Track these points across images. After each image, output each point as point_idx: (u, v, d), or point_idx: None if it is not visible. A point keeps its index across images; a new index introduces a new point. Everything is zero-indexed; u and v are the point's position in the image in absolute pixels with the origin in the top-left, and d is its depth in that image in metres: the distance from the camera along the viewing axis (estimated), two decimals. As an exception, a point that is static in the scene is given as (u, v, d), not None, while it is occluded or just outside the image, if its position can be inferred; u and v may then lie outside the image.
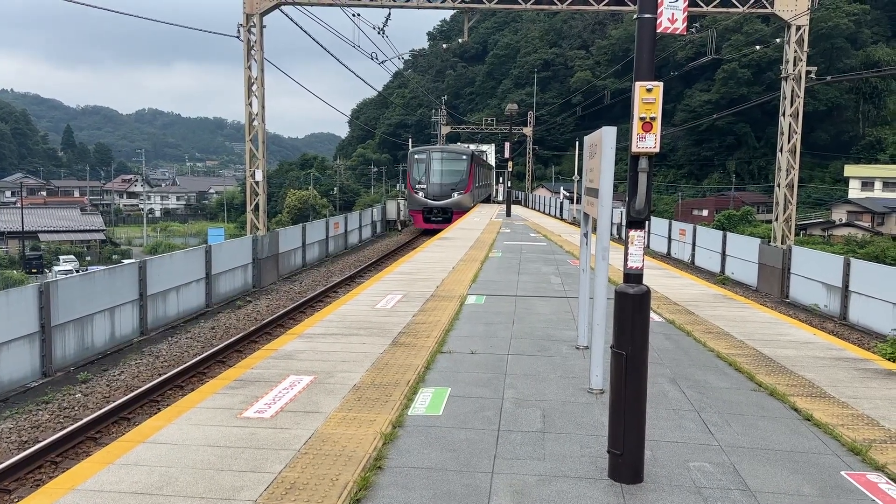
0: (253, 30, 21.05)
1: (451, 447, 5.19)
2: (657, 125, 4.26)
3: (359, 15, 21.37)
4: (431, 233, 30.24)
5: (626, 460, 4.61)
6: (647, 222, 4.59)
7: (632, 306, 4.54)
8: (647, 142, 4.27)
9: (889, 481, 4.77)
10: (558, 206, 48.00)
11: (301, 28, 21.31)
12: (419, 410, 5.97)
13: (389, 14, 22.85)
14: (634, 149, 4.28)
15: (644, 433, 4.69)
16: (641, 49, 4.41)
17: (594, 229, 6.98)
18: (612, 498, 4.44)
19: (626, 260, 4.59)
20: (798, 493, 4.59)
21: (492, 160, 72.60)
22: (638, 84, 4.29)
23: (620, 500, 4.41)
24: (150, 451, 4.93)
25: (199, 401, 6.01)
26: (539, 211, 51.19)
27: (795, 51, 21.61)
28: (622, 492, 4.53)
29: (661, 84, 4.26)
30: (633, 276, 4.57)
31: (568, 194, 56.98)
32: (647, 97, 4.25)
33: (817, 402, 6.42)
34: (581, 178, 8.40)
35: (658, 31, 4.40)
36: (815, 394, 6.66)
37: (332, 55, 22.13)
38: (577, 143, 62.02)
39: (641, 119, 4.26)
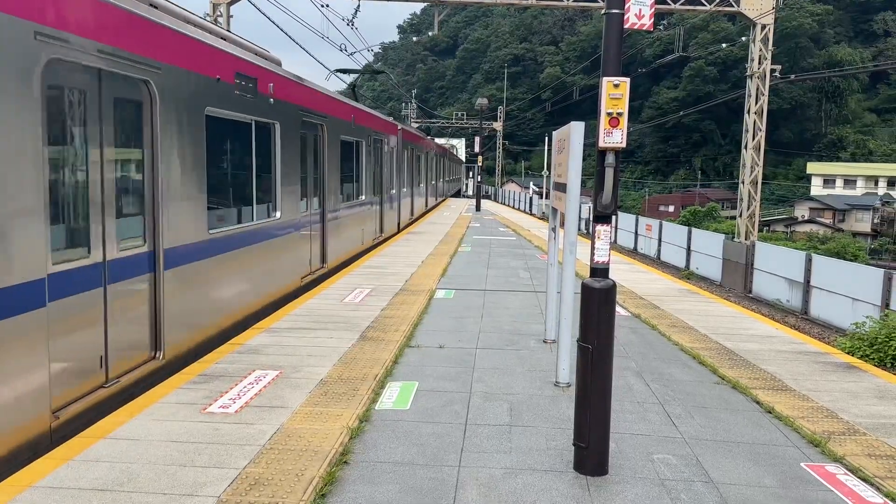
0: (220, 20, 20.75)
1: (419, 441, 5.18)
2: (624, 121, 4.28)
3: (328, 6, 21.19)
4: None
5: (592, 453, 4.65)
6: (614, 217, 4.62)
7: (598, 300, 4.57)
8: (614, 137, 4.29)
9: (847, 472, 4.88)
10: (528, 201, 48.23)
11: (269, 18, 21.06)
12: (387, 405, 5.95)
13: (359, 6, 22.74)
14: (601, 144, 4.30)
15: (609, 426, 4.73)
16: (609, 45, 4.43)
17: (562, 224, 7.02)
18: (578, 490, 4.48)
19: (592, 254, 4.62)
20: (759, 484, 4.67)
21: (462, 155, 72.73)
22: (605, 79, 4.31)
23: (585, 493, 4.44)
24: (111, 447, 4.84)
25: (162, 396, 5.91)
26: (509, 206, 51.39)
27: (760, 49, 21.99)
28: (587, 484, 4.56)
29: (627, 80, 4.29)
30: (600, 271, 4.60)
31: (537, 189, 57.35)
32: (615, 93, 4.27)
33: (779, 394, 6.54)
34: (550, 173, 8.43)
35: (625, 27, 4.42)
36: (777, 387, 6.79)
37: (301, 47, 21.91)
38: (547, 138, 62.40)
39: (608, 114, 4.28)
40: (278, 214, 10.19)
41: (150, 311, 6.50)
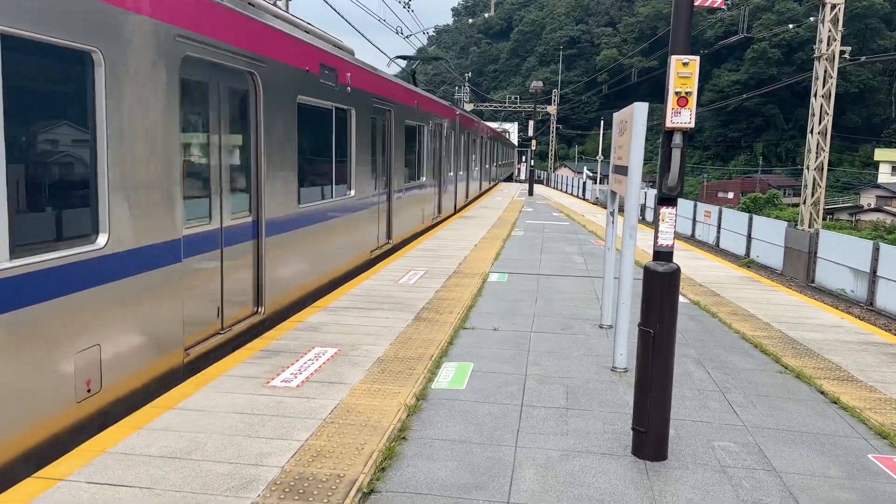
0: (279, 3, 21.01)
1: (475, 420, 5.22)
2: (693, 100, 4.19)
3: (385, -12, 21.20)
4: None
5: (651, 438, 4.61)
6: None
7: (661, 284, 4.51)
8: (682, 117, 4.20)
9: (917, 466, 4.72)
10: (581, 186, 47.69)
11: (327, 2, 21.17)
12: (442, 384, 6.00)
13: (416, -13, 22.68)
14: (669, 124, 4.22)
15: (669, 411, 4.68)
16: (678, 22, 4.33)
17: (621, 209, 6.93)
18: (636, 474, 4.45)
19: (656, 237, 4.55)
20: (824, 474, 4.56)
21: (514, 139, 72.22)
22: (674, 58, 4.22)
23: (644, 477, 4.41)
24: (179, 418, 5.01)
25: (227, 369, 6.09)
26: (562, 191, 50.92)
27: (829, 30, 21.16)
28: (646, 469, 4.53)
29: (697, 58, 4.19)
30: (664, 254, 4.53)
31: (591, 174, 56.59)
32: (684, 71, 4.18)
33: (844, 385, 6.36)
34: (605, 157, 8.37)
35: (696, 3, 4.31)
36: (843, 377, 6.60)
37: (358, 32, 22.01)
38: (602, 122, 61.48)
39: (677, 94, 4.19)
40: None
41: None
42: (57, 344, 4.52)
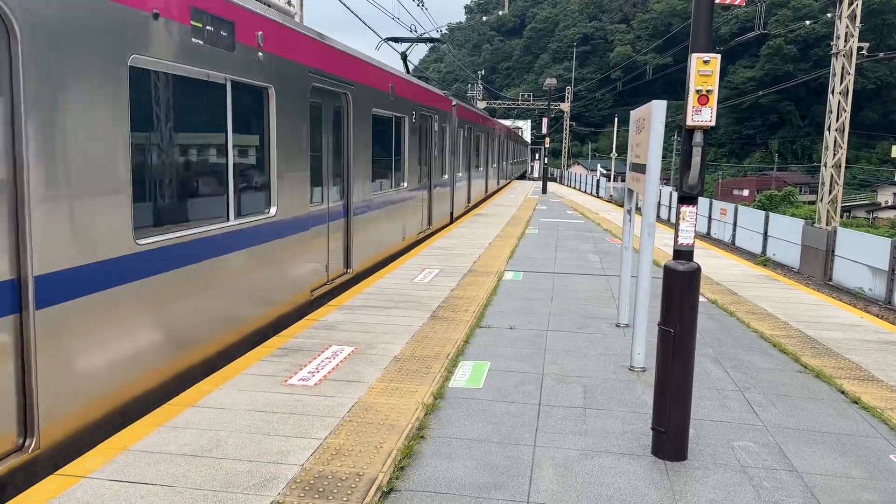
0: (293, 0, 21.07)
1: (493, 420, 5.22)
2: (713, 98, 4.16)
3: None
4: None
5: (671, 437, 4.59)
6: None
7: (681, 283, 4.48)
8: (703, 115, 4.17)
9: (941, 467, 4.67)
10: (595, 183, 47.51)
11: (342, 2, 21.21)
12: (459, 383, 6.00)
13: (430, -15, 22.62)
14: (690, 122, 4.19)
15: (689, 411, 4.65)
16: (698, 19, 4.30)
17: (638, 207, 6.89)
18: (656, 474, 4.43)
19: (676, 236, 4.52)
20: (846, 475, 4.52)
21: (527, 136, 72.04)
22: (695, 56, 4.19)
23: (664, 477, 4.39)
24: (199, 415, 5.04)
25: (245, 367, 6.12)
26: (575, 188, 50.76)
27: (847, 26, 20.95)
28: (666, 469, 4.51)
29: (718, 56, 4.16)
30: (684, 253, 4.50)
31: (605, 172, 56.36)
32: (704, 69, 4.15)
33: (865, 385, 6.30)
34: (619, 154, 8.36)
35: (716, 1, 4.28)
36: (863, 377, 6.54)
37: (371, 30, 22.03)
38: (616, 119, 61.17)
39: (697, 92, 4.16)
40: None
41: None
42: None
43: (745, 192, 73.67)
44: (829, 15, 23.98)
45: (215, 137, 6.46)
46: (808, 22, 57.14)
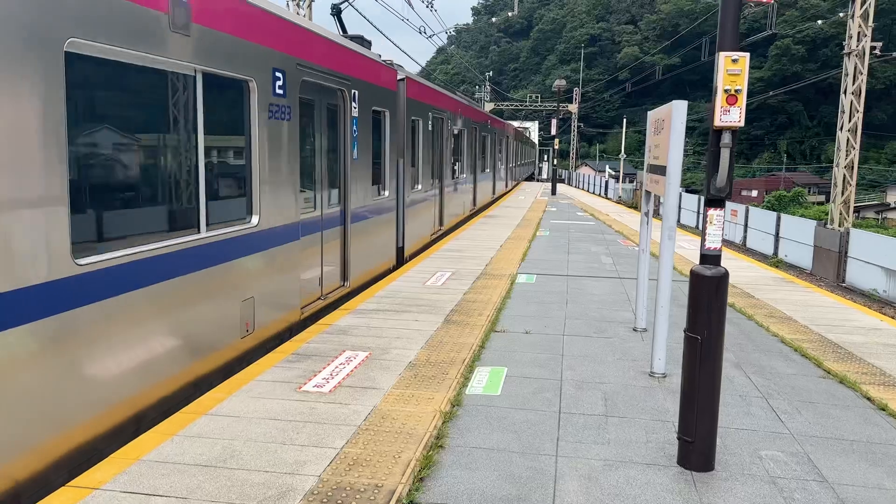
0: (302, 3, 21.00)
1: (513, 428, 5.09)
2: (742, 98, 4.03)
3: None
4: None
5: (698, 447, 4.46)
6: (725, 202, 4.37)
7: (709, 289, 4.35)
8: (732, 115, 4.05)
9: (977, 478, 4.52)
10: (603, 184, 47.34)
11: (350, 4, 21.13)
12: (477, 390, 5.88)
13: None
14: (718, 123, 4.06)
15: (717, 420, 4.52)
16: (726, 18, 4.17)
17: (657, 209, 6.76)
18: (683, 486, 4.30)
19: (703, 240, 4.39)
20: (879, 486, 4.38)
21: (535, 138, 71.85)
22: (723, 54, 4.06)
23: (692, 489, 4.26)
24: (212, 424, 4.94)
25: (258, 373, 6.01)
26: (584, 190, 50.57)
27: (860, 25, 20.74)
28: (693, 479, 4.37)
29: (747, 55, 4.03)
30: (711, 258, 4.37)
31: (614, 173, 56.17)
32: (733, 68, 4.02)
33: (891, 390, 6.15)
34: (628, 155, 8.24)
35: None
36: (889, 382, 6.38)
37: (380, 31, 21.95)
38: (624, 120, 60.94)
39: (726, 91, 4.03)
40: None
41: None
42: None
43: (754, 193, 73.25)
44: (841, 14, 23.77)
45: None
46: (819, 22, 56.79)
